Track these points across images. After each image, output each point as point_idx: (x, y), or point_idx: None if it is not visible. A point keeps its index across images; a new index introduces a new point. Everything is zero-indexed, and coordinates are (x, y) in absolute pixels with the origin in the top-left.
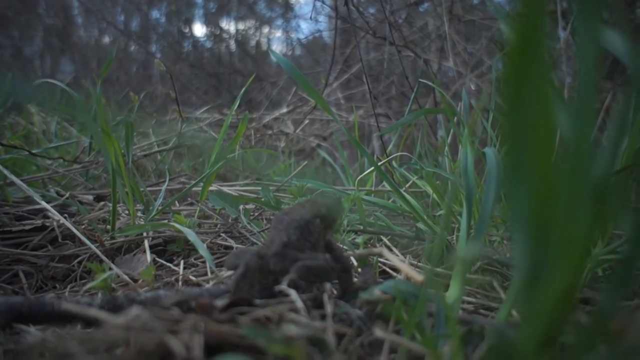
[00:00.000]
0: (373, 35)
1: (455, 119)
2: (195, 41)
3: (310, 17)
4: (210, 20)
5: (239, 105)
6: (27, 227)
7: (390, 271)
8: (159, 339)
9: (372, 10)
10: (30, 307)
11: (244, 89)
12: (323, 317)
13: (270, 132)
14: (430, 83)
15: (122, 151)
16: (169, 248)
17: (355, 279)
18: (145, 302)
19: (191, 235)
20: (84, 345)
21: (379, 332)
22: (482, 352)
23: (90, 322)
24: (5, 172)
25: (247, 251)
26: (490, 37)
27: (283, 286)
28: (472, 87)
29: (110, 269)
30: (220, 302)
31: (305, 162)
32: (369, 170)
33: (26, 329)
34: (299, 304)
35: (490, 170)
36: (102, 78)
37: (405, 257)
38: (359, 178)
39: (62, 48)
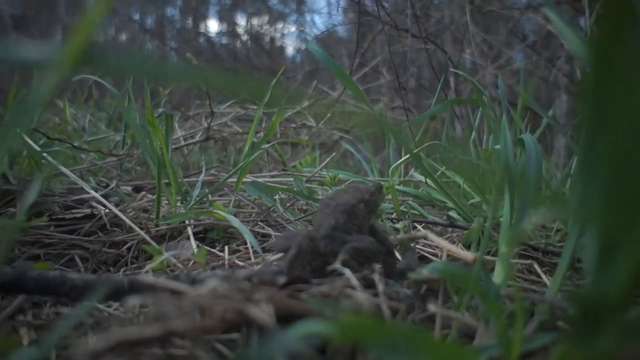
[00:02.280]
0: (395, 27)
1: (480, 111)
2: (210, 37)
3: (330, 13)
4: (225, 17)
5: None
6: (77, 215)
7: (430, 256)
8: (239, 307)
9: (386, 5)
10: (103, 284)
11: (274, 81)
12: (375, 295)
13: (293, 125)
14: (462, 72)
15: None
16: (209, 236)
17: (398, 262)
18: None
19: (235, 221)
20: (177, 309)
21: (432, 307)
22: (534, 327)
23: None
24: (57, 164)
25: (296, 234)
26: (510, 28)
27: (337, 265)
28: (491, 80)
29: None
30: (280, 279)
31: (334, 153)
32: (405, 158)
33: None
34: (354, 281)
35: (529, 154)
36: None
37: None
38: (393, 167)
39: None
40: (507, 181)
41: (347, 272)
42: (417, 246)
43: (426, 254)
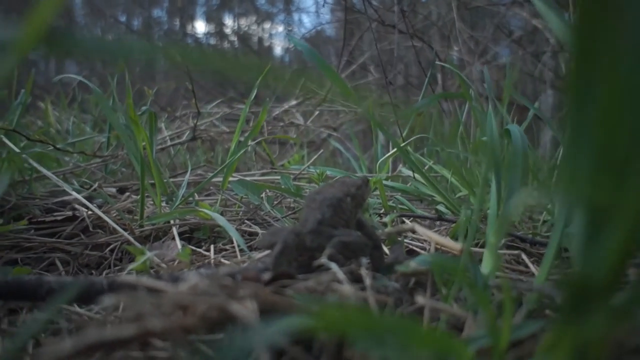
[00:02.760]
0: (382, 23)
1: (467, 106)
2: (197, 38)
3: (318, 12)
4: (212, 17)
5: (245, 101)
6: (59, 218)
7: (419, 250)
8: (221, 304)
9: (374, 2)
10: (81, 286)
11: (259, 79)
12: (362, 289)
13: (281, 124)
14: (449, 66)
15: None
16: (195, 235)
17: (385, 256)
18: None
19: (221, 220)
20: (155, 308)
21: (421, 299)
22: (522, 316)
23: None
24: (38, 166)
25: (282, 229)
26: (496, 24)
27: (324, 259)
28: (477, 75)
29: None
30: (265, 276)
31: (321, 151)
32: (392, 152)
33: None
34: (341, 275)
35: (515, 145)
36: (118, 72)
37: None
38: (380, 161)
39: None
40: (494, 172)
41: (334, 266)
42: (406, 240)
43: (414, 248)
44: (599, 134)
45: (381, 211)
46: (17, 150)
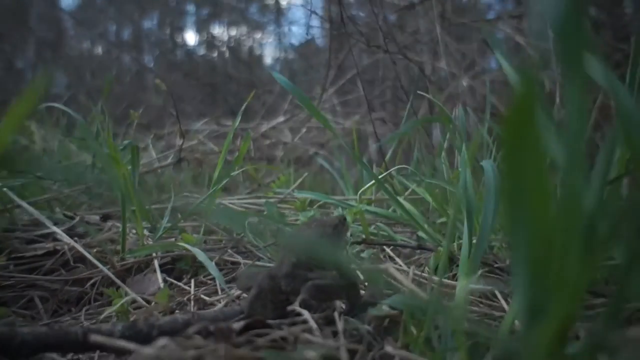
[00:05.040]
0: (367, 45)
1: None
2: (188, 49)
3: (307, 33)
4: (202, 28)
5: (236, 114)
6: (39, 252)
7: (397, 283)
8: None
9: (362, 14)
10: (56, 337)
11: (244, 105)
12: (335, 333)
13: (268, 141)
14: (425, 94)
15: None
16: (177, 266)
17: (362, 292)
18: (164, 328)
19: (201, 255)
20: None
21: (389, 348)
22: None
23: (117, 351)
24: (14, 197)
25: (258, 272)
26: (482, 38)
27: (296, 306)
28: (465, 86)
29: (127, 293)
30: (236, 325)
31: (306, 173)
32: (369, 184)
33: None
34: (312, 324)
35: (488, 184)
36: (104, 95)
37: (409, 267)
38: (360, 191)
39: (55, 60)
40: (466, 209)
41: (306, 314)
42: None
43: (393, 281)
44: (532, 254)
45: (363, 239)
46: None
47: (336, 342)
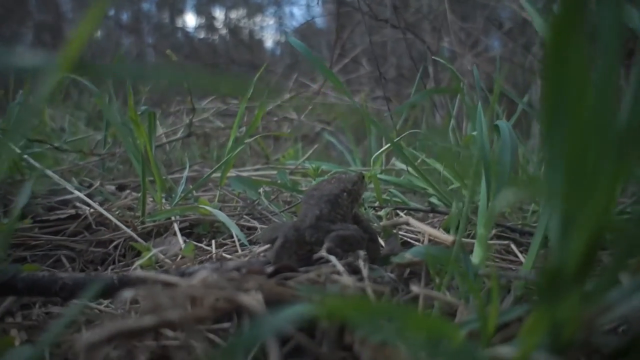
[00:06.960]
0: (375, 18)
1: (459, 99)
2: (188, 32)
3: (309, 5)
4: (203, 11)
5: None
6: (62, 216)
7: (413, 242)
8: (230, 295)
9: None
10: (92, 281)
11: (255, 77)
12: (360, 280)
13: (275, 118)
14: (443, 61)
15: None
16: (195, 231)
17: (381, 248)
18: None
19: (221, 215)
20: (170, 299)
21: (415, 288)
22: (510, 302)
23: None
24: (39, 166)
25: (282, 225)
26: (487, 16)
27: (323, 253)
28: (469, 67)
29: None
30: (268, 269)
31: (316, 145)
32: (385, 147)
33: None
34: (340, 267)
35: (504, 141)
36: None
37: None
38: (374, 156)
39: (54, 44)
40: (483, 166)
41: (333, 259)
42: (400, 232)
43: (409, 240)
44: (568, 155)
45: (376, 204)
46: (17, 150)
47: (363, 284)
